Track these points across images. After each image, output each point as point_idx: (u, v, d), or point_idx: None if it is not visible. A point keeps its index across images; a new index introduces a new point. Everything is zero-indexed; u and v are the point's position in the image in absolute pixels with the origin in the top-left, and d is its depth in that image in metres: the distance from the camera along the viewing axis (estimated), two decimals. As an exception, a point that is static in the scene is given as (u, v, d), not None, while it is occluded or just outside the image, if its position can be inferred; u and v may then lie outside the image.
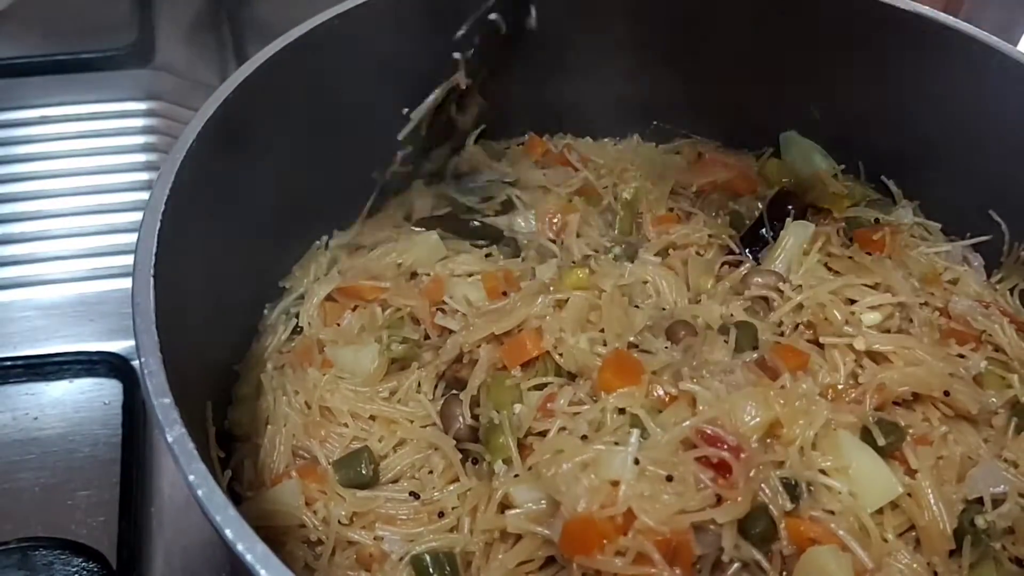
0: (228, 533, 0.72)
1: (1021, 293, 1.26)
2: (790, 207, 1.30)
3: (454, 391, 1.08)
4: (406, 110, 1.18)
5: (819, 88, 1.30)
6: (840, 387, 1.05)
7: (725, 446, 0.91)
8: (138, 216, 0.91)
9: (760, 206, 1.34)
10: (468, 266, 1.18)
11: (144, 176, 1.57)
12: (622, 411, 0.98)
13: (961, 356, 1.11)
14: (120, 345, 1.34)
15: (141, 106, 1.67)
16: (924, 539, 0.96)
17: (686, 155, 1.44)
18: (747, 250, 1.29)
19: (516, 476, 0.95)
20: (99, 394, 1.30)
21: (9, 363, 1.32)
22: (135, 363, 1.29)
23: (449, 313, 1.12)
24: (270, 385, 1.12)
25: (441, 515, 0.99)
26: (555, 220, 1.29)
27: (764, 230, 1.30)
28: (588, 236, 1.30)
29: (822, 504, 0.93)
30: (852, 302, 1.14)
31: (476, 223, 1.28)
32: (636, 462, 0.89)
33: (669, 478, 0.89)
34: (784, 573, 0.90)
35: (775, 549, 0.90)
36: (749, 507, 0.88)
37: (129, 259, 0.87)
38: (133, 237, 0.89)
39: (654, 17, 1.30)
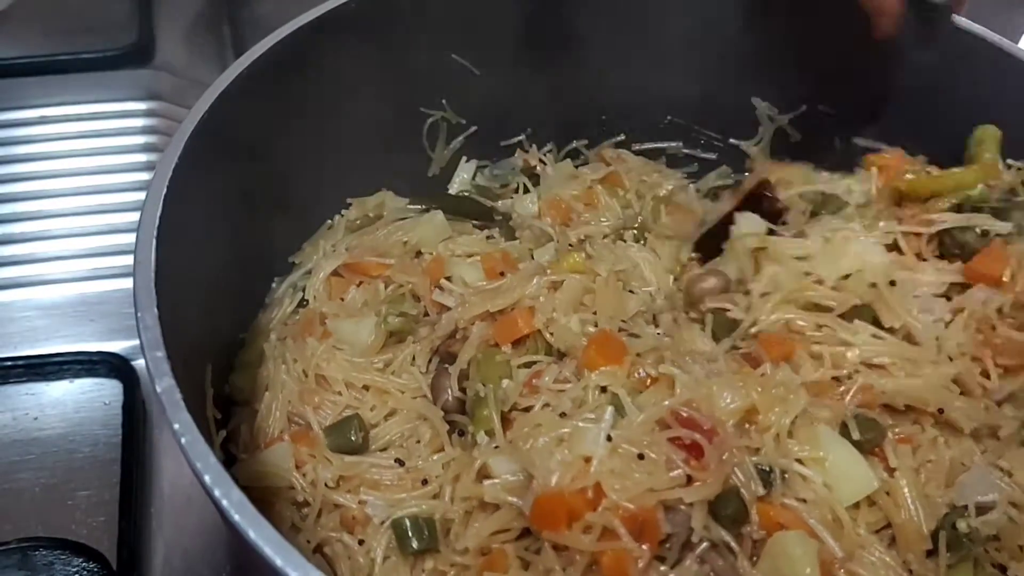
0: (207, 479, 0.76)
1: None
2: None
3: (446, 365, 1.10)
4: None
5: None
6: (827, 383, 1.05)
7: (699, 428, 0.92)
8: (138, 216, 0.91)
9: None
10: (468, 247, 1.21)
11: (144, 176, 1.55)
12: (604, 390, 0.99)
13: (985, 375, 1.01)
14: (120, 345, 1.35)
15: (141, 106, 1.66)
16: (899, 537, 0.95)
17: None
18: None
19: (496, 447, 0.98)
20: (99, 394, 1.30)
21: (9, 363, 1.32)
22: (135, 363, 1.31)
23: (446, 290, 1.14)
24: (272, 354, 1.15)
25: (424, 482, 1.02)
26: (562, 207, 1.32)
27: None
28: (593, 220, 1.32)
29: (795, 492, 0.93)
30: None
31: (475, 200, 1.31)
32: (609, 439, 0.91)
33: (641, 456, 0.91)
34: (754, 557, 0.90)
35: (745, 532, 0.90)
36: (719, 489, 0.90)
37: (129, 259, 0.88)
38: (133, 237, 0.90)
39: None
